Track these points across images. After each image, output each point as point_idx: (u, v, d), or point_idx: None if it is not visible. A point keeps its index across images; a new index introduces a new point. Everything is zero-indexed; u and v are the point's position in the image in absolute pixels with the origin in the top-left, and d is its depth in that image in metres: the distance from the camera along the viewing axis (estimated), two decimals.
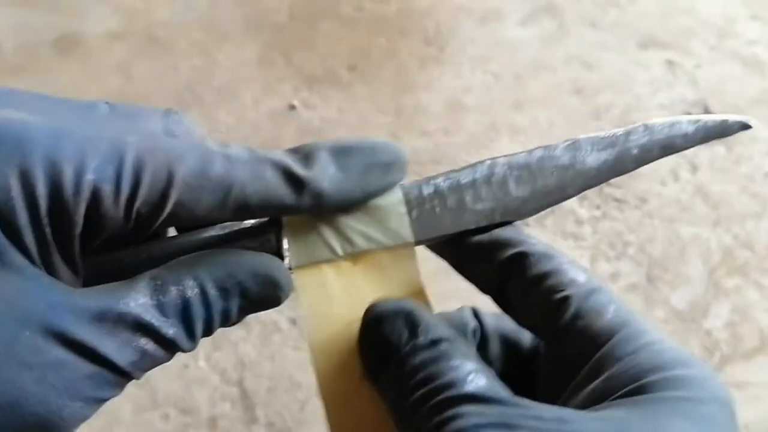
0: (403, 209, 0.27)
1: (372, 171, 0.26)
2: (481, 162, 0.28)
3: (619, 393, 0.22)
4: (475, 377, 0.22)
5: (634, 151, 0.28)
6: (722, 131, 0.27)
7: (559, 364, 0.25)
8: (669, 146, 0.28)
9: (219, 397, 0.86)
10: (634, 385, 0.22)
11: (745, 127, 0.27)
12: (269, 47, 1.32)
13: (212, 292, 0.23)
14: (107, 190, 0.22)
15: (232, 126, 1.18)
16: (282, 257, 0.26)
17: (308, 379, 0.87)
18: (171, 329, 0.22)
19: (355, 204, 0.26)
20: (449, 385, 0.22)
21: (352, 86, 1.24)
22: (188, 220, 0.24)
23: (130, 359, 0.22)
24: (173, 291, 0.22)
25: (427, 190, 0.27)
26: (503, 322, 0.30)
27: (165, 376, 0.88)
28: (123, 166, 0.22)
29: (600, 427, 0.21)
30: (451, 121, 1.17)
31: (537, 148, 0.28)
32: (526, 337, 0.30)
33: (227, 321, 0.24)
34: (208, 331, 0.24)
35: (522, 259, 0.26)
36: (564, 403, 0.24)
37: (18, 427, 0.19)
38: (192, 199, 0.23)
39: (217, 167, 0.24)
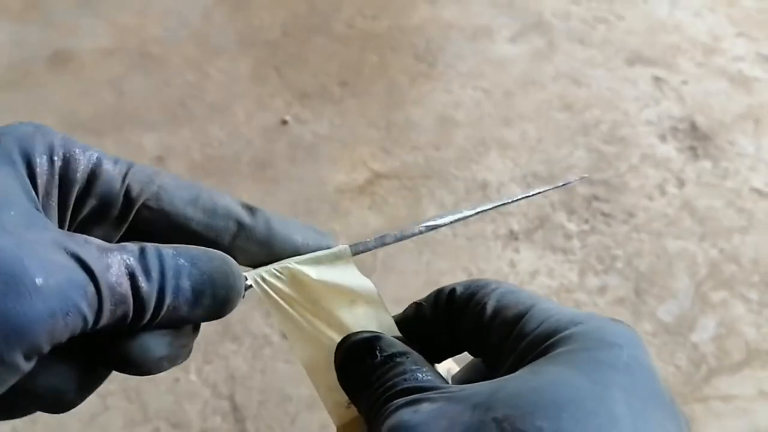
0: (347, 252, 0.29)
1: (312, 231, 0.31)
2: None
3: (525, 361, 0.25)
4: (413, 374, 0.26)
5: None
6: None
7: (489, 358, 0.28)
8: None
9: (210, 410, 0.86)
10: (536, 351, 0.25)
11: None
12: (262, 63, 1.33)
13: (182, 261, 0.25)
14: (108, 162, 0.27)
15: (225, 141, 1.19)
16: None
17: (299, 393, 0.87)
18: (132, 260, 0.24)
19: (292, 246, 0.30)
20: (395, 384, 0.26)
21: (344, 102, 1.25)
22: (164, 212, 0.27)
23: (103, 264, 0.24)
24: (151, 249, 0.25)
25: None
26: None
27: (155, 390, 0.88)
28: (119, 159, 0.27)
29: (485, 389, 0.24)
30: (441, 136, 1.18)
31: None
32: None
33: (178, 294, 0.25)
34: (160, 293, 0.25)
35: (451, 294, 0.30)
36: None
37: None
38: (171, 191, 0.27)
39: (188, 182, 0.28)
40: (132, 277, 0.24)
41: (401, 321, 0.31)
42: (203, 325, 0.27)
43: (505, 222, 1.06)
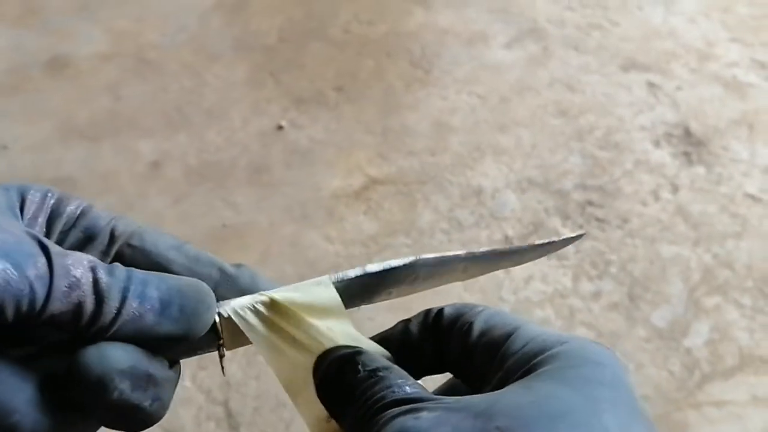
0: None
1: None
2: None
3: (513, 378, 0.26)
4: (398, 387, 0.26)
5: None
6: None
7: (472, 377, 0.29)
8: None
9: (204, 416, 0.87)
10: (524, 368, 0.26)
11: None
12: (258, 68, 1.33)
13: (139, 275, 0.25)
14: (98, 209, 0.29)
15: (221, 146, 1.19)
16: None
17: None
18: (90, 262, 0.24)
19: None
20: (384, 396, 0.26)
21: (340, 107, 1.25)
22: (147, 251, 0.28)
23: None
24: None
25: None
26: None
27: None
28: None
29: (480, 401, 0.24)
30: (437, 141, 1.19)
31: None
32: None
33: (143, 300, 0.25)
34: (121, 300, 0.25)
35: (439, 314, 0.31)
36: None
37: None
38: (155, 236, 0.28)
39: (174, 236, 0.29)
40: (93, 270, 0.24)
41: (387, 337, 0.31)
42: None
43: (500, 227, 1.06)
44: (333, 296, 0.29)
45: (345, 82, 1.30)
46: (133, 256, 0.28)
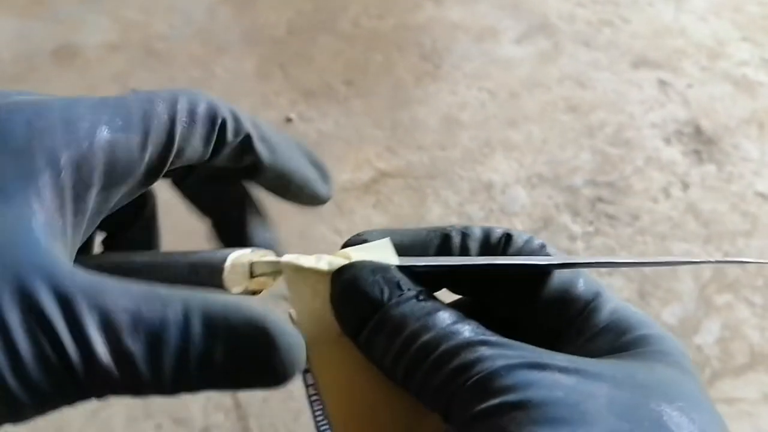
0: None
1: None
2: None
3: (605, 349, 0.24)
4: (473, 327, 0.23)
5: None
6: None
7: (538, 334, 0.26)
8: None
9: (212, 407, 0.86)
10: (616, 343, 0.24)
11: None
12: (267, 61, 1.33)
13: (197, 328, 0.20)
14: (122, 138, 0.23)
15: None
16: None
17: (302, 390, 0.87)
18: (133, 345, 0.20)
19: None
20: (451, 335, 0.22)
21: (349, 100, 1.25)
22: (186, 156, 0.26)
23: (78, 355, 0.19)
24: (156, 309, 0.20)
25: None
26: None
27: None
28: (131, 116, 0.24)
29: (611, 369, 0.22)
30: (447, 136, 1.18)
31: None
32: None
33: (210, 364, 0.21)
34: (181, 368, 0.20)
35: (509, 238, 0.28)
36: None
37: None
38: (189, 134, 0.25)
39: (203, 102, 0.26)
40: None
41: (409, 245, 0.27)
42: None
43: (510, 223, 1.06)
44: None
45: (354, 75, 1.29)
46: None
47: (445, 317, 0.23)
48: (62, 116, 0.23)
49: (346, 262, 0.26)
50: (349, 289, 0.24)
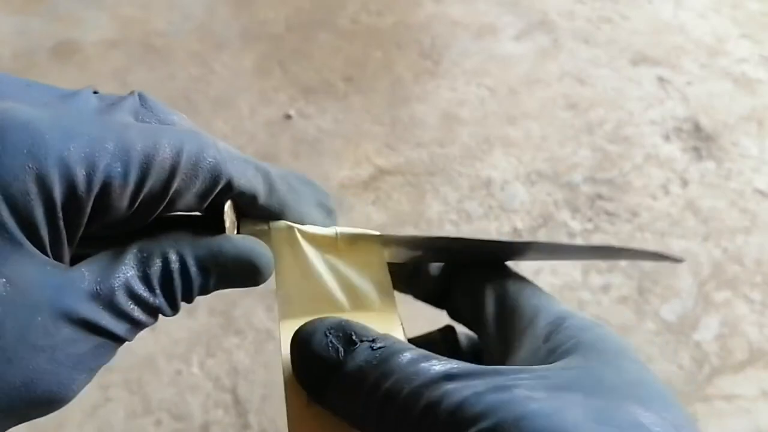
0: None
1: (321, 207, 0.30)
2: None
3: (559, 351, 0.25)
4: (433, 362, 0.22)
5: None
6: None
7: (497, 346, 0.28)
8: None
9: (212, 403, 0.86)
10: (564, 346, 0.25)
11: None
12: (266, 57, 1.33)
13: (193, 269, 0.25)
14: (116, 185, 0.23)
15: (228, 135, 1.18)
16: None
17: None
18: (157, 299, 0.24)
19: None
20: (412, 376, 0.22)
21: (348, 97, 1.25)
22: (177, 207, 0.25)
23: (126, 327, 0.23)
24: (158, 264, 0.24)
25: None
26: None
27: (158, 383, 0.88)
28: (130, 162, 0.23)
29: (577, 376, 0.22)
30: (446, 133, 1.18)
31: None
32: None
33: (206, 292, 0.26)
34: (188, 300, 0.25)
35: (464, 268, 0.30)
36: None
37: (31, 403, 0.21)
38: (185, 187, 0.24)
39: (209, 156, 0.25)
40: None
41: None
42: (206, 319, 0.27)
43: (509, 219, 1.06)
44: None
45: (353, 72, 1.29)
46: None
47: (402, 360, 0.23)
48: (59, 158, 0.22)
49: (332, 232, 0.28)
50: (304, 356, 0.25)
